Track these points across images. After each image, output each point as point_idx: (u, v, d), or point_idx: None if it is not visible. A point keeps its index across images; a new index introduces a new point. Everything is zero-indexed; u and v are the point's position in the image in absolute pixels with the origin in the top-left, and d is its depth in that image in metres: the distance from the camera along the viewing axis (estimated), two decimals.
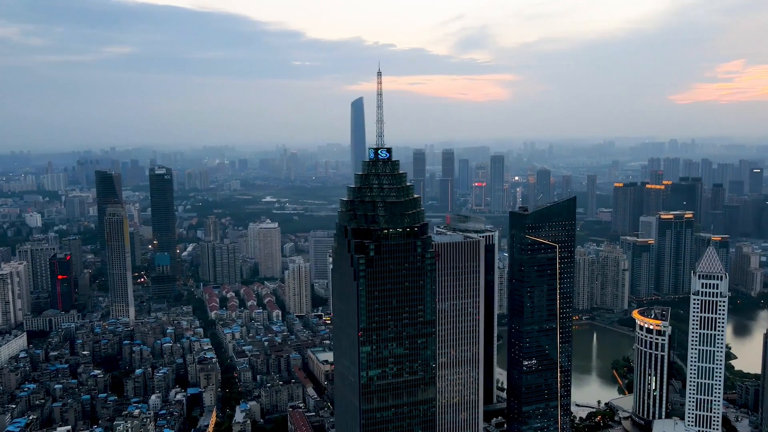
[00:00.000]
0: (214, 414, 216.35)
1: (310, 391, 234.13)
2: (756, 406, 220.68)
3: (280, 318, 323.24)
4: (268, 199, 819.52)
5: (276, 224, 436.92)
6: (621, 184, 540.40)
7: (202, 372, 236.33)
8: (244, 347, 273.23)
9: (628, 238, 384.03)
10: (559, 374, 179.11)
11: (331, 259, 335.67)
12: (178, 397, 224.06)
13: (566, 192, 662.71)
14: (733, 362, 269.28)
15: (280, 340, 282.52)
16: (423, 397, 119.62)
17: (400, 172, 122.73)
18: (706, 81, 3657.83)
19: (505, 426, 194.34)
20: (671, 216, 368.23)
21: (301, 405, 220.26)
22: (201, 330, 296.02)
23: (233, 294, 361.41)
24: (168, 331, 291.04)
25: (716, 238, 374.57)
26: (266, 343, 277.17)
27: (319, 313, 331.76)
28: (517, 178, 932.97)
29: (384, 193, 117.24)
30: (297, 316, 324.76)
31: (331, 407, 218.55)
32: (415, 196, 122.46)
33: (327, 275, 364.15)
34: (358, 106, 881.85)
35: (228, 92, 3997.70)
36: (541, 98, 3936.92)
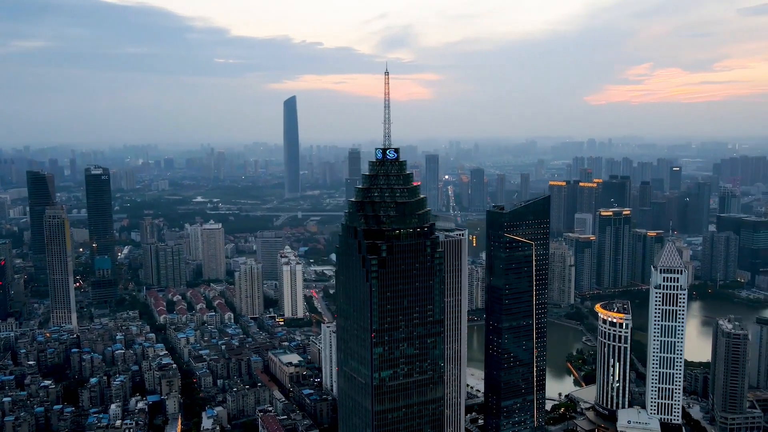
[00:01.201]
0: (179, 421, 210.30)
1: (277, 394, 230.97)
2: (705, 393, 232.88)
3: (232, 321, 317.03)
4: (199, 199, 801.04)
5: (220, 225, 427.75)
6: (560, 183, 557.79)
7: (163, 379, 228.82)
8: (200, 351, 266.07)
9: (570, 234, 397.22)
10: (535, 369, 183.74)
11: (282, 260, 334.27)
12: (140, 405, 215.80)
13: (501, 191, 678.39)
14: None
15: (237, 344, 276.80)
16: (432, 397, 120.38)
17: (408, 172, 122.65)
18: (618, 83, 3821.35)
19: (480, 421, 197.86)
20: (611, 213, 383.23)
21: (270, 408, 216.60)
22: (153, 335, 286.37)
23: (180, 297, 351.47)
24: (117, 337, 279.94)
25: (652, 233, 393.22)
26: (223, 347, 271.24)
27: (272, 314, 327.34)
28: (447, 176, 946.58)
29: (394, 194, 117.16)
30: (251, 318, 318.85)
31: (299, 410, 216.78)
32: (421, 196, 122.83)
33: (276, 276, 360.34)
34: (290, 105, 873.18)
35: (148, 89, 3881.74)
36: (464, 98, 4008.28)
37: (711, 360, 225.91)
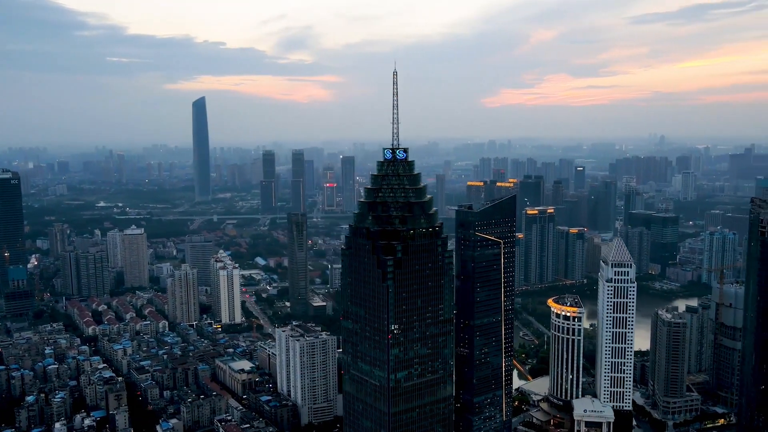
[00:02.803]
0: None
1: (232, 402, 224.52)
2: (642, 379, 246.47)
3: (167, 329, 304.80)
4: (102, 204, 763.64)
5: (142, 230, 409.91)
6: (478, 183, 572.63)
7: (110, 393, 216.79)
8: (141, 363, 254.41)
9: None
10: (503, 364, 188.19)
11: (218, 265, 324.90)
12: (87, 422, 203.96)
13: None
14: None
15: (179, 353, 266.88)
16: (442, 395, 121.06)
17: (416, 172, 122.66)
18: (512, 86, 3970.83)
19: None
20: (536, 211, 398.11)
21: (229, 417, 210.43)
22: (86, 348, 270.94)
23: (105, 307, 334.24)
24: (47, 351, 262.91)
25: (574, 230, 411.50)
26: (165, 357, 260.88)
27: (209, 321, 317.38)
28: (359, 178, 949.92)
29: (407, 194, 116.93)
30: (189, 325, 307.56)
31: (260, 417, 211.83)
32: (429, 196, 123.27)
33: (209, 282, 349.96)
34: (199, 106, 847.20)
35: (34, 89, 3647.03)
36: (365, 100, 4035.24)
37: (650, 348, 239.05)
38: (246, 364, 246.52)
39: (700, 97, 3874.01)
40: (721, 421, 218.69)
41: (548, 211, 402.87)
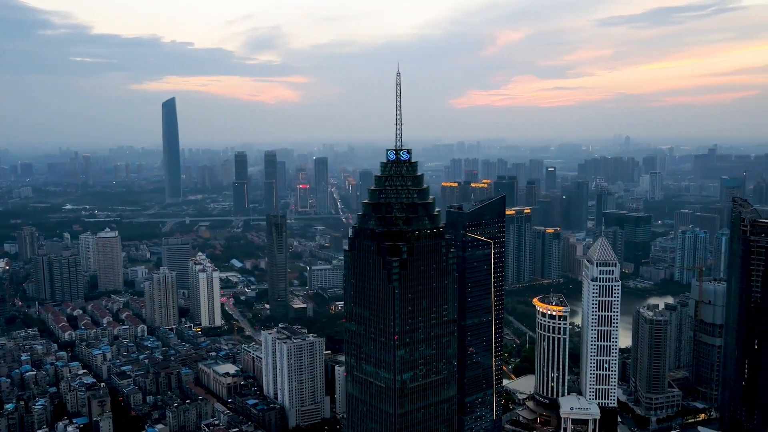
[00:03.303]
0: None
1: (218, 406, 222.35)
2: (624, 376, 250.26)
3: (146, 333, 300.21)
4: (69, 206, 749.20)
5: (116, 233, 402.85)
6: (452, 184, 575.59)
7: (93, 399, 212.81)
8: (122, 368, 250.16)
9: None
10: (494, 363, 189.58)
11: (198, 267, 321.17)
12: (70, 429, 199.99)
13: None
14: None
15: (161, 357, 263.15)
16: (446, 396, 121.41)
17: (419, 173, 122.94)
18: (480, 87, 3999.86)
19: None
20: (513, 212, 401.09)
21: (216, 422, 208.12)
22: (64, 354, 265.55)
23: (81, 311, 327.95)
24: (23, 358, 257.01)
25: (550, 230, 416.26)
26: (146, 361, 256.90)
27: (188, 324, 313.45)
28: (331, 179, 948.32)
29: (411, 195, 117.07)
30: (169, 329, 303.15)
31: (247, 421, 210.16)
32: (432, 198, 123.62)
33: (186, 285, 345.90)
34: (169, 107, 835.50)
35: None
36: (334, 101, 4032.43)
37: (632, 345, 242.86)
38: (231, 368, 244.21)
39: (663, 99, 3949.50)
40: (702, 415, 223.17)
41: (525, 211, 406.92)
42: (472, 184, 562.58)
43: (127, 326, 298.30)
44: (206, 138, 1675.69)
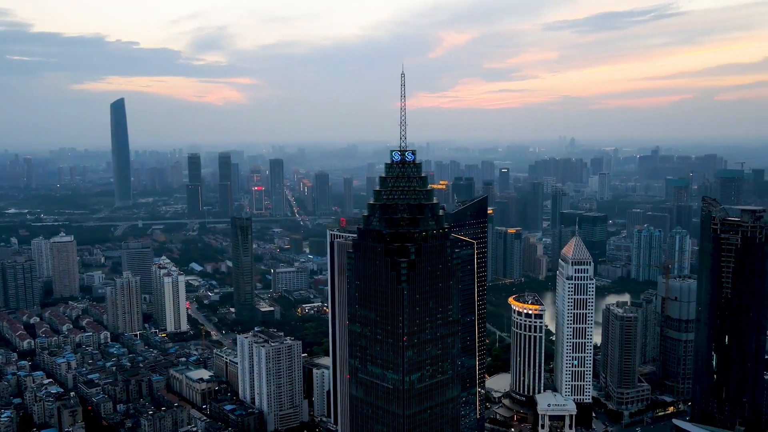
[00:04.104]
0: None
1: (195, 413, 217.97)
2: (594, 372, 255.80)
3: (110, 339, 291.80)
4: (13, 210, 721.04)
5: (71, 237, 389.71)
6: None
7: (64, 409, 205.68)
8: (89, 376, 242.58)
9: None
10: (477, 363, 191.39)
11: (162, 271, 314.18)
12: None
13: (349, 195, 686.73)
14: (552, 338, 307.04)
15: (128, 364, 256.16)
16: (450, 396, 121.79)
17: (423, 175, 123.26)
18: (427, 89, 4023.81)
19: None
20: None
21: (193, 429, 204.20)
22: (26, 363, 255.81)
23: (38, 319, 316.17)
24: None
25: (512, 231, 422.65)
26: (114, 369, 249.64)
27: (154, 330, 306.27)
28: (287, 181, 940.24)
29: (418, 196, 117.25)
30: (134, 335, 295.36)
31: (226, 427, 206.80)
32: (436, 199, 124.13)
33: (149, 289, 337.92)
34: (118, 108, 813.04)
35: None
36: (282, 103, 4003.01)
37: (602, 342, 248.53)
38: (204, 373, 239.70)
39: (605, 101, 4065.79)
40: (671, 408, 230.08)
41: (488, 211, 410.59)
42: (430, 186, 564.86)
43: (90, 333, 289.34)
44: (152, 140, 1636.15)
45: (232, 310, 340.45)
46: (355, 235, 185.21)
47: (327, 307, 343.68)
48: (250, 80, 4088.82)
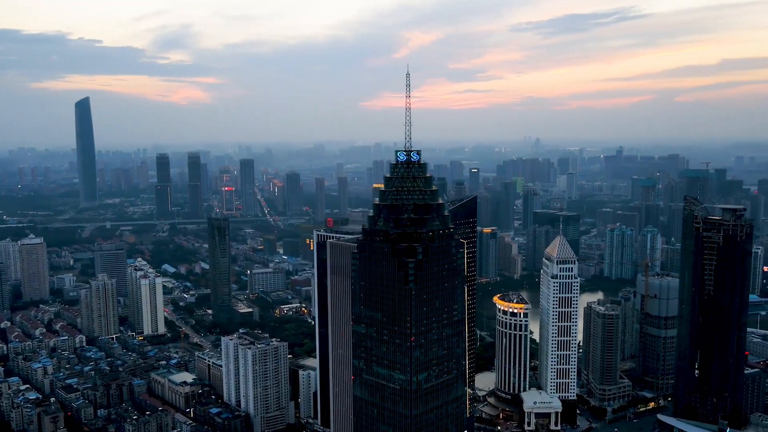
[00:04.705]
0: None
1: (179, 416, 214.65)
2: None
3: (85, 343, 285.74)
4: None
5: (41, 239, 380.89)
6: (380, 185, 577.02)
7: (45, 416, 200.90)
8: (67, 381, 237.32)
9: None
10: (467, 362, 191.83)
11: (138, 273, 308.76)
12: None
13: (321, 195, 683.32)
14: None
15: (107, 368, 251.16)
16: (455, 395, 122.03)
17: (428, 175, 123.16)
18: (393, 89, 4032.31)
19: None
20: None
21: None
22: (0, 368, 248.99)
23: (9, 323, 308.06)
24: None
25: (487, 230, 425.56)
26: (93, 373, 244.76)
27: (131, 333, 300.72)
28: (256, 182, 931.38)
29: (424, 196, 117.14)
30: (110, 338, 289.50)
31: (212, 430, 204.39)
32: (441, 200, 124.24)
33: (124, 291, 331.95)
34: (83, 107, 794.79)
35: None
36: (247, 102, 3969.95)
37: (584, 339, 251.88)
38: (187, 376, 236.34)
39: (568, 102, 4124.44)
40: (652, 404, 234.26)
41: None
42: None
43: (66, 337, 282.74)
44: (116, 139, 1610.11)
45: (210, 311, 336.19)
46: (346, 235, 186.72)
47: (306, 307, 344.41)
48: (215, 79, 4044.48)
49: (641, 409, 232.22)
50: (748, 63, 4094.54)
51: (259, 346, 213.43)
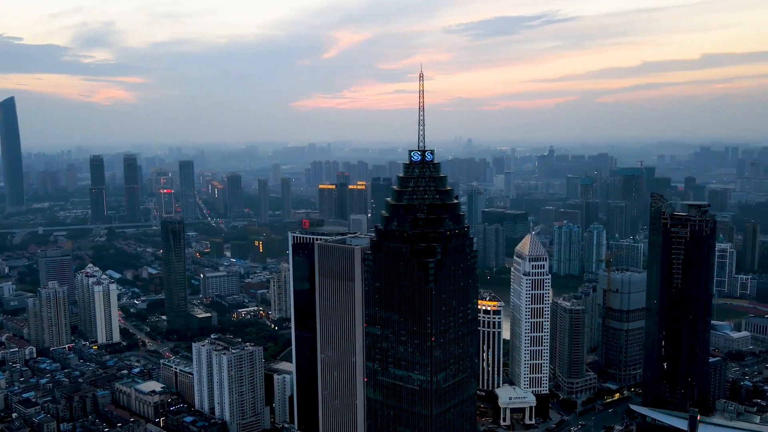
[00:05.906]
0: None
1: (151, 427, 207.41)
2: None
3: (36, 355, 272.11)
4: None
5: None
6: (330, 186, 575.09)
7: None
8: (24, 395, 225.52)
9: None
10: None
11: (91, 280, 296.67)
12: None
13: (264, 197, 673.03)
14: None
15: (66, 380, 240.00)
16: (469, 393, 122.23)
17: (442, 175, 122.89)
18: (324, 90, 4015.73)
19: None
20: None
21: None
22: None
23: None
24: None
25: None
26: (50, 386, 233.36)
27: (85, 342, 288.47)
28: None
29: (441, 196, 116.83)
30: (64, 349, 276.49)
31: None
32: (456, 200, 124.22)
33: (73, 298, 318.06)
34: (8, 108, 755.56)
35: None
36: (175, 103, 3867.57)
37: (550, 334, 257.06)
38: (155, 385, 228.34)
39: (497, 103, 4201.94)
40: (617, 395, 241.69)
41: None
42: (350, 186, 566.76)
43: (15, 349, 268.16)
44: (38, 141, 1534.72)
45: (164, 317, 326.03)
46: (324, 236, 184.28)
47: (264, 310, 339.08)
48: (141, 79, 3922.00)
49: (608, 401, 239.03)
50: (668, 65, 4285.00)
51: (234, 351, 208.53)
